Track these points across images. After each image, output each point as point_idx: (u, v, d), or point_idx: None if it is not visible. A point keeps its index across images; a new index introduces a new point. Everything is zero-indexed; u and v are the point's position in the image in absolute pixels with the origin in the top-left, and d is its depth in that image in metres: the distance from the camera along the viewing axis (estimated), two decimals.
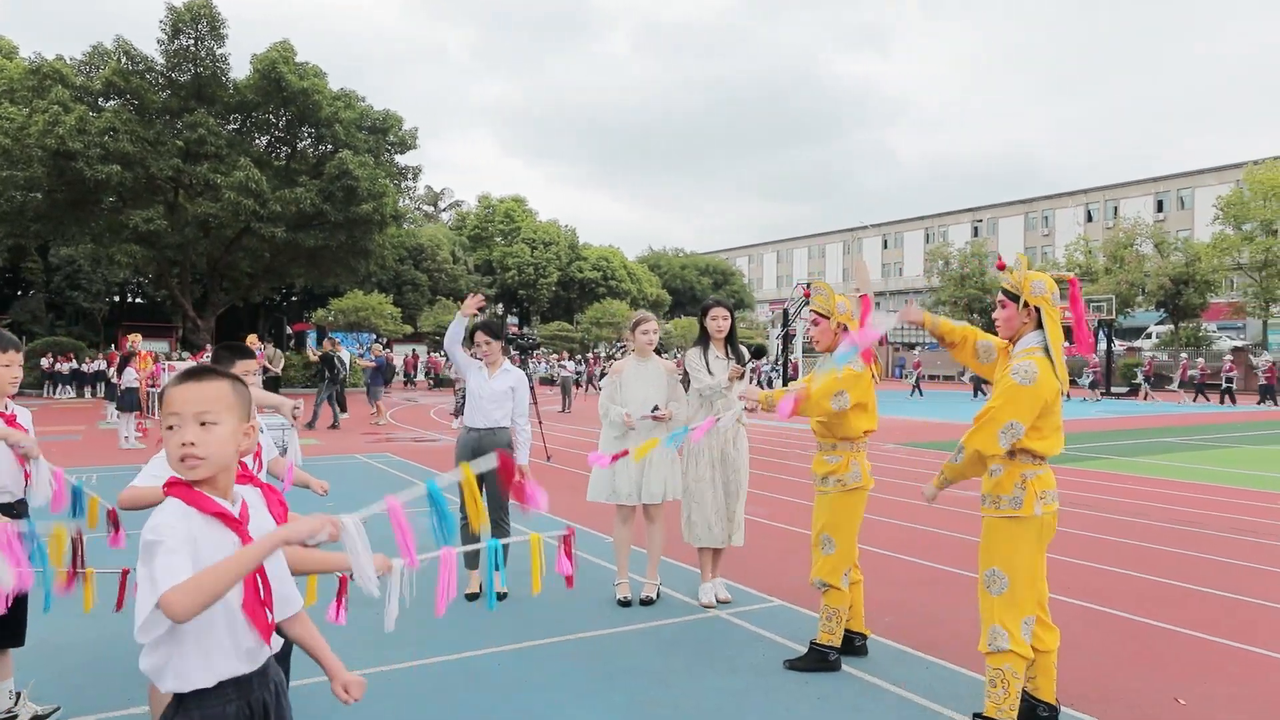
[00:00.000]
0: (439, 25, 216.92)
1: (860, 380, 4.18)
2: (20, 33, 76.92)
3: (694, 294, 63.66)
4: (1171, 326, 41.84)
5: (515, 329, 52.02)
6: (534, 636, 4.63)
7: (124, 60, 26.15)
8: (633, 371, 5.28)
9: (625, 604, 5.26)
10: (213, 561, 1.72)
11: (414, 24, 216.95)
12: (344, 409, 18.04)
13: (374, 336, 36.75)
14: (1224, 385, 27.96)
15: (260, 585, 1.84)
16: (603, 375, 16.27)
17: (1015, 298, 3.46)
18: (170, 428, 1.81)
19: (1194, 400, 28.68)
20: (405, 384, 35.27)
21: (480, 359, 5.58)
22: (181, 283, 30.41)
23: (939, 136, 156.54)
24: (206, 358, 21.88)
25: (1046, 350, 3.39)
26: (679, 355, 28.04)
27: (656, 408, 5.15)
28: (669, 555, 6.26)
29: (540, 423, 13.66)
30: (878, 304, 66.07)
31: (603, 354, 33.53)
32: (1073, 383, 29.83)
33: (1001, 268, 3.57)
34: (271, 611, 1.87)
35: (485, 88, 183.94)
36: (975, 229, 70.22)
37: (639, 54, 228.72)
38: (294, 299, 48.59)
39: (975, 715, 3.43)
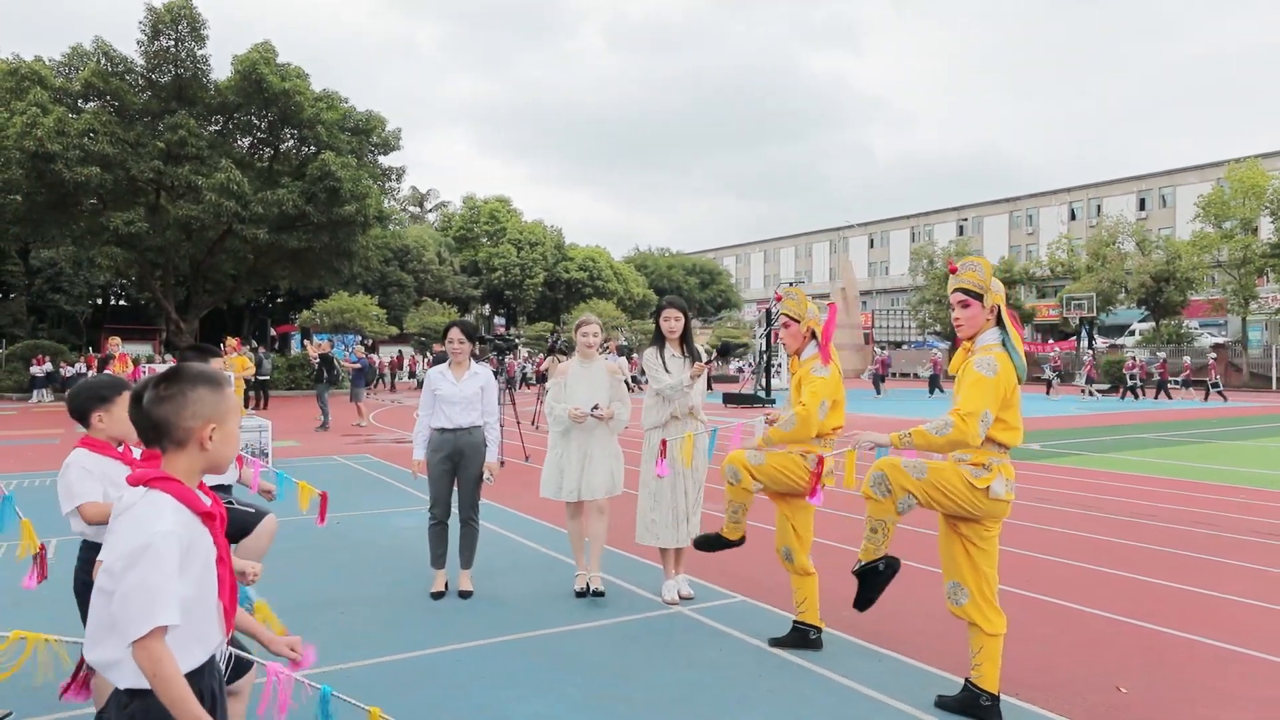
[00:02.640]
0: (409, 21, 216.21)
1: (833, 385, 4.30)
2: (1, 35, 76.25)
3: (681, 294, 63.77)
4: (1153, 324, 42.19)
5: (502, 329, 52.01)
6: (496, 633, 4.68)
7: (103, 61, 26.02)
8: (576, 372, 5.36)
9: (582, 594, 5.36)
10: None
11: (384, 20, 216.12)
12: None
13: (359, 338, 36.67)
14: (1212, 381, 28.10)
15: (230, 580, 1.95)
16: (540, 377, 16.28)
17: (979, 296, 3.56)
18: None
19: (1152, 397, 28.71)
20: (390, 387, 35.02)
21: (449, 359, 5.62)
22: (164, 285, 30.28)
23: (915, 135, 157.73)
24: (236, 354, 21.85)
25: (1004, 345, 3.51)
26: (634, 355, 28.16)
27: (597, 406, 5.22)
28: (636, 553, 6.33)
29: (519, 423, 13.71)
30: (864, 302, 66.44)
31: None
32: (1038, 377, 30.29)
33: (954, 270, 3.66)
34: (235, 604, 1.98)
35: (458, 85, 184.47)
36: (960, 227, 70.62)
37: (611, 51, 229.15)
38: (279, 301, 48.43)
39: (855, 568, 3.73)
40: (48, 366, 27.03)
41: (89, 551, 2.99)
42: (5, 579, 5.57)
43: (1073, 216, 62.59)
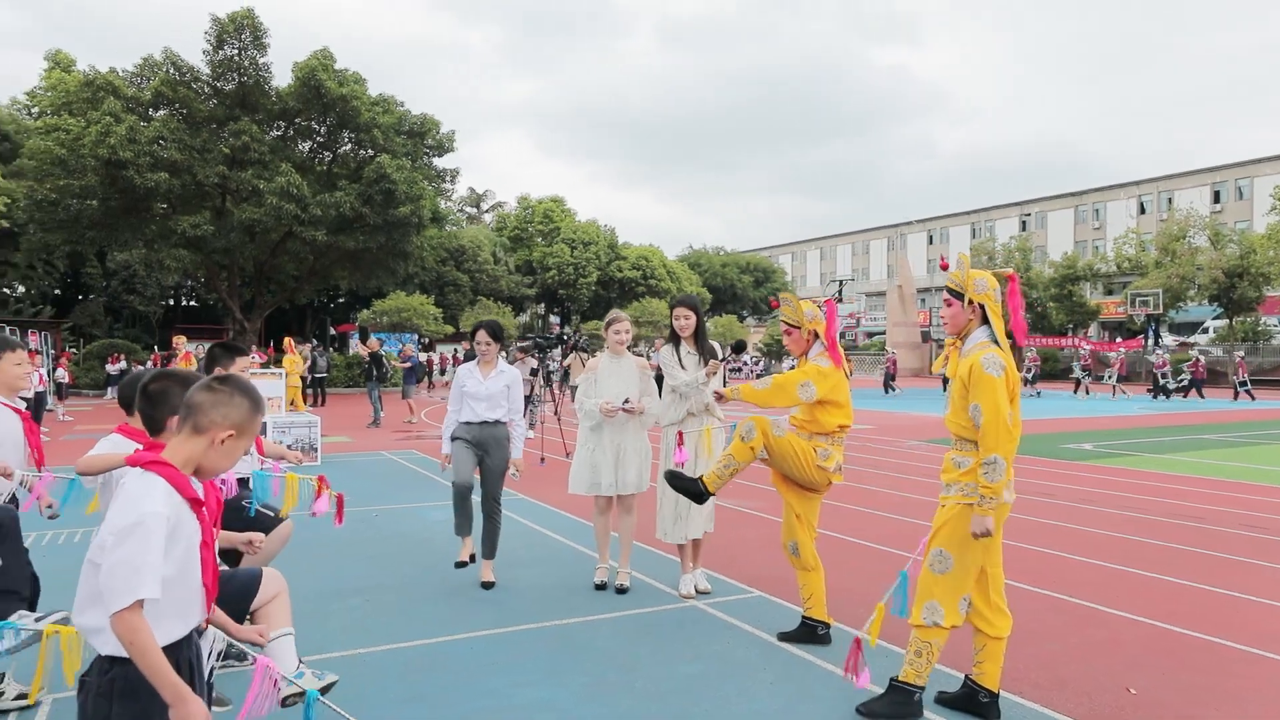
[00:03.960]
0: (462, 26, 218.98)
1: (828, 377, 4.31)
2: (79, 47, 79.64)
3: (735, 292, 63.54)
4: (1228, 321, 40.60)
5: (557, 328, 52.51)
6: (510, 623, 4.81)
7: (172, 71, 27.05)
8: (607, 368, 5.44)
9: (601, 587, 5.46)
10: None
11: (438, 25, 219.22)
12: (381, 408, 18.47)
13: (414, 337, 37.42)
14: (1240, 380, 26.71)
15: (212, 561, 2.11)
16: (564, 375, 16.38)
17: (960, 295, 3.56)
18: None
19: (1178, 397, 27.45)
20: (428, 385, 35.27)
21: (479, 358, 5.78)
22: (229, 286, 31.35)
23: (977, 128, 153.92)
24: (254, 357, 22.60)
25: (994, 342, 3.50)
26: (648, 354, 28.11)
27: (627, 400, 5.30)
28: (657, 547, 6.41)
29: (559, 419, 13.89)
30: (923, 300, 65.24)
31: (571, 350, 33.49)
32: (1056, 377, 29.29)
33: (945, 267, 3.66)
34: (216, 586, 2.14)
35: (513, 88, 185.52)
36: (1023, 223, 68.85)
37: (663, 50, 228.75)
38: (340, 301, 49.70)
39: (892, 680, 3.58)
40: (122, 364, 28.23)
41: None
42: (59, 564, 5.89)
43: (1142, 210, 60.56)
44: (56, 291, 42.62)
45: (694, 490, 4.37)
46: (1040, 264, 49.42)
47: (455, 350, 41.30)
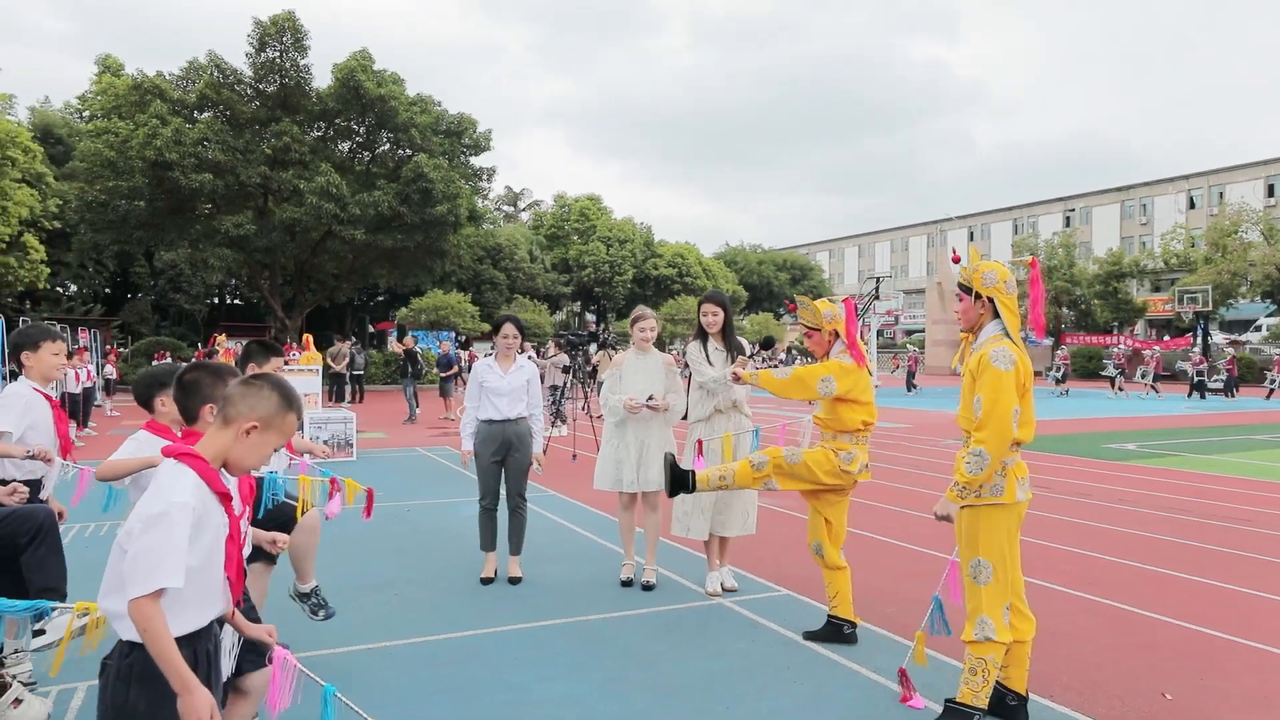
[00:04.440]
0: (497, 26, 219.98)
1: (849, 374, 4.27)
2: (128, 52, 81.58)
3: (771, 290, 63.14)
4: None
5: (593, 326, 52.60)
6: (535, 618, 4.83)
7: (216, 74, 27.58)
8: (632, 364, 5.44)
9: (627, 583, 5.46)
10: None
11: (473, 26, 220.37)
12: (417, 404, 18.67)
13: (451, 334, 37.76)
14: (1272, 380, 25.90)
15: (237, 555, 2.15)
16: (593, 372, 16.37)
17: (968, 290, 3.49)
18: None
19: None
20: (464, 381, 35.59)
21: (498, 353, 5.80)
22: (271, 284, 31.90)
23: (1018, 122, 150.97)
24: (294, 355, 22.98)
25: (1007, 335, 3.42)
26: (672, 350, 27.89)
27: (652, 397, 5.29)
28: (684, 544, 6.39)
29: (591, 416, 13.92)
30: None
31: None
32: (1087, 376, 28.47)
33: (956, 260, 3.59)
34: (244, 580, 2.19)
35: (548, 87, 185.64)
36: (1067, 219, 67.50)
37: (696, 47, 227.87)
38: (380, 299, 50.32)
39: (948, 701, 3.46)
40: (167, 361, 28.90)
41: None
42: (88, 555, 6.04)
43: (1191, 205, 59.02)
44: (107, 290, 43.71)
45: (681, 479, 4.40)
46: (1084, 260, 48.39)
47: (491, 347, 41.65)
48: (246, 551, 2.99)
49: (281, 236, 28.51)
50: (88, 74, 49.37)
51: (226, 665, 2.44)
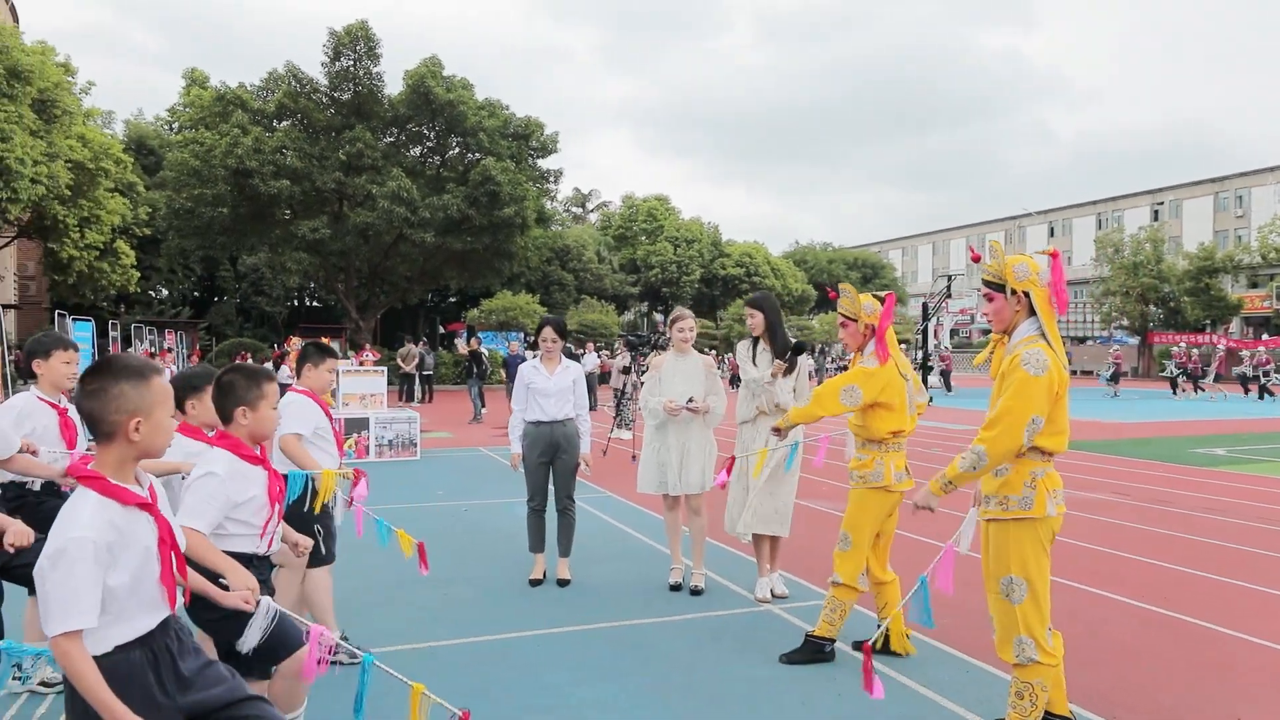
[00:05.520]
0: (563, 29, 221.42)
1: (875, 377, 4.07)
2: (213, 65, 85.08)
3: (836, 289, 62.09)
4: None
5: (662, 326, 52.55)
6: (580, 621, 4.81)
7: (293, 83, 28.53)
8: (671, 366, 5.37)
9: (676, 588, 5.39)
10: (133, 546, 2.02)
11: (539, 29, 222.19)
12: (483, 404, 18.91)
13: (520, 335, 38.23)
14: None
15: (175, 560, 2.12)
16: (644, 371, 16.25)
17: (1000, 287, 3.27)
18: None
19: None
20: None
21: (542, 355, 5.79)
22: (346, 287, 32.82)
23: (1100, 112, 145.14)
24: (367, 356, 23.56)
25: (1044, 336, 3.20)
26: (709, 351, 27.51)
27: (692, 399, 5.22)
28: (736, 548, 6.29)
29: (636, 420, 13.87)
30: None
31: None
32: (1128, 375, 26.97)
33: (976, 259, 3.39)
34: (183, 579, 2.15)
35: (615, 88, 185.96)
36: (1155, 212, 64.63)
37: (762, 45, 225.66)
38: (451, 300, 51.28)
39: None
40: (248, 361, 29.99)
41: None
42: None
43: None
44: (195, 294, 45.63)
45: (822, 654, 4.18)
46: (1174, 255, 46.22)
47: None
48: (275, 548, 3.04)
49: (355, 240, 29.30)
50: (177, 87, 51.62)
51: (255, 638, 2.51)
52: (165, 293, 43.19)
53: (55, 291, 28.45)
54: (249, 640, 2.53)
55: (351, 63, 28.29)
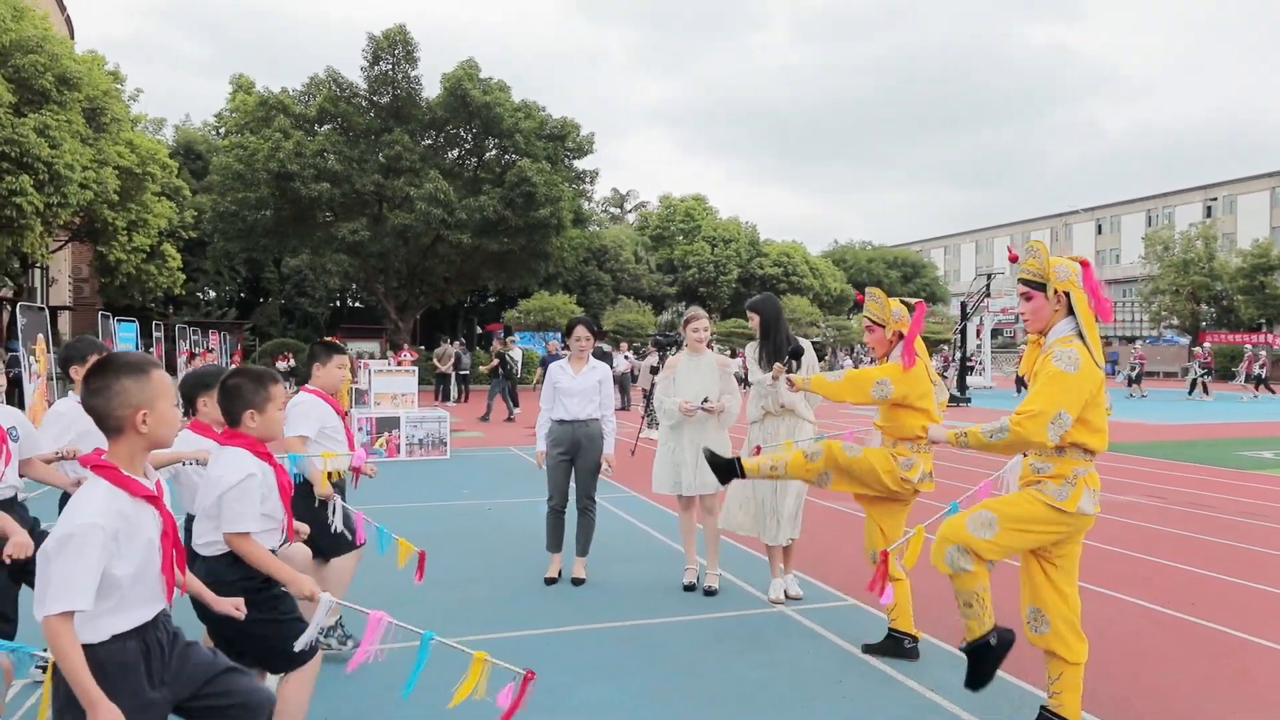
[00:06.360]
0: (598, 30, 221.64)
1: (906, 375, 4.06)
2: (258, 70, 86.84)
3: (882, 289, 61.33)
4: None
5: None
6: (590, 620, 4.81)
7: (334, 88, 29.00)
8: (686, 366, 5.35)
9: (690, 588, 5.38)
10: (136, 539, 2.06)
11: (574, 30, 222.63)
12: (516, 404, 19.03)
13: (557, 335, 38.41)
14: None
15: (175, 554, 2.17)
16: (654, 370, 16.15)
17: (1041, 286, 3.24)
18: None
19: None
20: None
21: (570, 354, 5.81)
22: (385, 288, 33.27)
23: (1150, 106, 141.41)
24: (405, 356, 23.87)
25: (1080, 336, 3.16)
26: (740, 353, 27.15)
27: (706, 399, 5.19)
28: (753, 548, 6.25)
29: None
30: None
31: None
32: (1152, 376, 26.04)
33: (1014, 259, 3.36)
34: (181, 574, 2.20)
35: (652, 88, 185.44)
36: (1208, 208, 62.85)
37: (799, 42, 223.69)
38: (490, 300, 51.73)
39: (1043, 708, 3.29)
40: (290, 362, 30.50)
41: (188, 522, 3.39)
42: None
43: None
44: (241, 295, 46.65)
45: (725, 467, 4.29)
46: (1226, 253, 44.89)
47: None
48: (278, 543, 3.08)
49: (394, 241, 29.69)
50: (223, 93, 52.77)
51: (312, 635, 2.60)
52: (213, 294, 44.20)
53: (106, 293, 29.27)
54: (306, 638, 2.60)
55: (390, 66, 28.68)
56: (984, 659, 3.27)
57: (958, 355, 25.11)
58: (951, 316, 53.61)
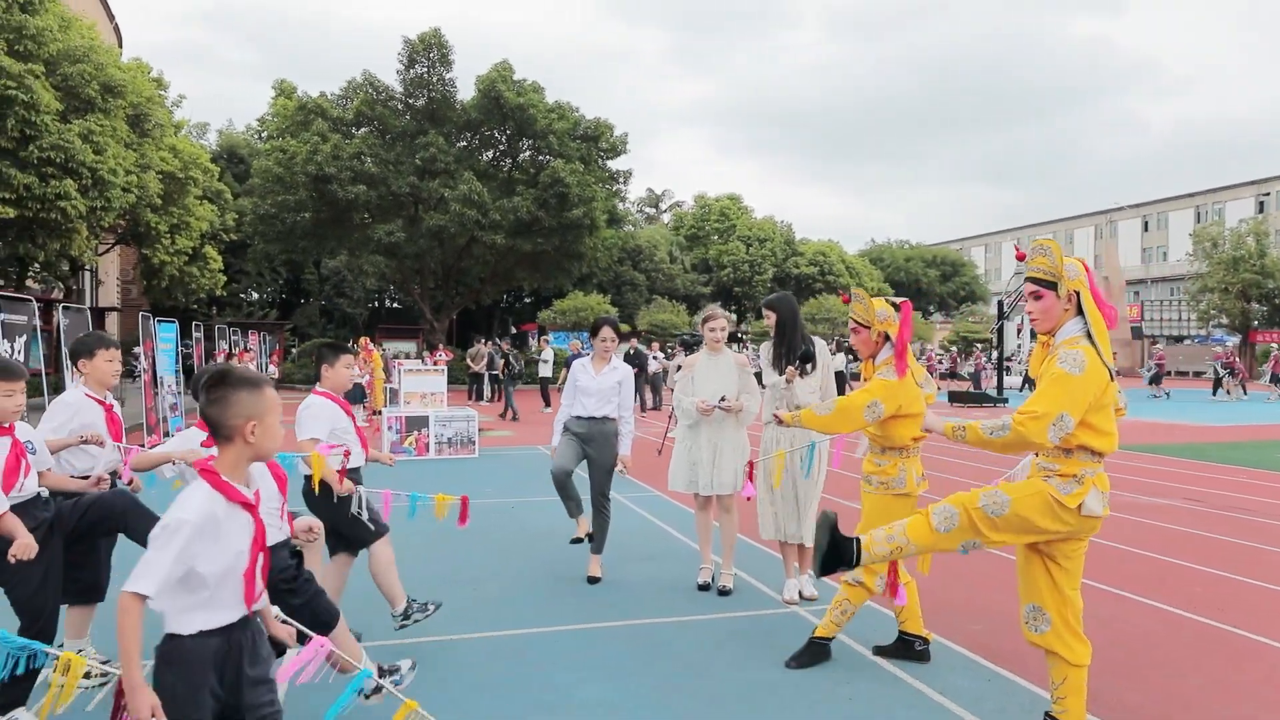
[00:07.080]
0: (632, 30, 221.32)
1: (896, 390, 3.98)
2: (299, 75, 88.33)
3: (920, 288, 60.69)
4: None
5: (733, 325, 52.25)
6: (600, 619, 4.81)
7: (370, 91, 29.39)
8: (704, 365, 5.33)
9: (704, 587, 5.36)
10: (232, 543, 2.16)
11: (608, 30, 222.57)
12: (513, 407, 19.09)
13: (587, 335, 38.54)
14: None
15: (261, 561, 2.26)
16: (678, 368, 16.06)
17: (1052, 285, 3.18)
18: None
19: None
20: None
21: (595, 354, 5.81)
22: (421, 288, 33.63)
23: (1196, 99, 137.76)
24: (440, 356, 24.10)
25: (1089, 337, 3.10)
26: (742, 350, 26.86)
27: (724, 398, 5.17)
28: (770, 548, 6.20)
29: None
30: (1136, 293, 59.34)
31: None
32: (1166, 376, 25.09)
33: (1021, 258, 3.29)
34: (264, 582, 2.27)
35: (686, 88, 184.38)
36: (1260, 204, 61.06)
37: (833, 39, 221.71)
38: (526, 301, 52.06)
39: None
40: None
41: None
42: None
43: None
44: (282, 296, 47.49)
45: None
46: (1279, 249, 43.57)
47: (627, 349, 42.18)
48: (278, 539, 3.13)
49: (429, 243, 29.99)
50: (266, 97, 53.75)
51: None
52: (255, 296, 45.05)
53: (151, 295, 29.95)
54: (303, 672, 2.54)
55: (425, 69, 28.98)
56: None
57: (994, 355, 24.64)
58: (991, 316, 52.78)
